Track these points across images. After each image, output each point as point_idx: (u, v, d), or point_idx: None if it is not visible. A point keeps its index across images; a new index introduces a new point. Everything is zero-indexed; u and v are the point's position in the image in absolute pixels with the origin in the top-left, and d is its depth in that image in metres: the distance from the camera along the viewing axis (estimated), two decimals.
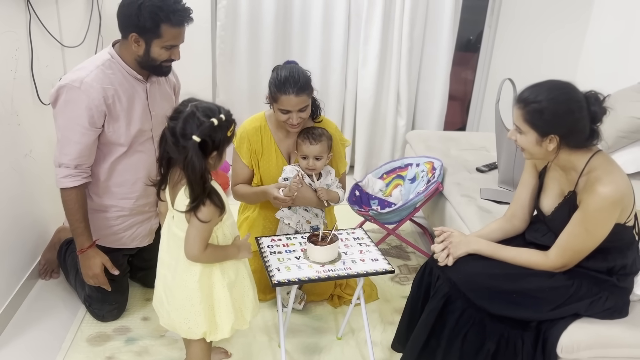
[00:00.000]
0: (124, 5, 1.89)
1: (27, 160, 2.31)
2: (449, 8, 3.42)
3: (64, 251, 2.37)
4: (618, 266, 1.69)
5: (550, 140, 1.61)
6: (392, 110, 3.63)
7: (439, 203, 2.74)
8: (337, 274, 1.78)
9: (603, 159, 1.63)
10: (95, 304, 2.19)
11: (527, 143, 1.65)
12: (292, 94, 2.01)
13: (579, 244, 1.64)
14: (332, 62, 3.53)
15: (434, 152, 3.00)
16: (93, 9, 3.04)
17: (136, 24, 1.86)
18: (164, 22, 1.87)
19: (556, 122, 1.58)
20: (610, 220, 1.59)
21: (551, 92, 1.59)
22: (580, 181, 1.64)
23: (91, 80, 1.90)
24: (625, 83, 2.99)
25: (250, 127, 2.23)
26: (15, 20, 2.18)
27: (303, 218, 2.22)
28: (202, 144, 1.44)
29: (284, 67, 2.07)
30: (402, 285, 2.56)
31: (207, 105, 1.49)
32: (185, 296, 1.62)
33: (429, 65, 3.63)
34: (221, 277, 1.63)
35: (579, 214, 1.62)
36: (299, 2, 3.41)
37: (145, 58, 1.95)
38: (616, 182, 1.57)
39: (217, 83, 3.59)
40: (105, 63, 1.96)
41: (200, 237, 1.53)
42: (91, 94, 1.89)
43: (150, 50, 1.93)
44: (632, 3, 3.15)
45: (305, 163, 2.13)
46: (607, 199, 1.55)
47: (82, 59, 2.94)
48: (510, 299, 1.68)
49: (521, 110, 1.62)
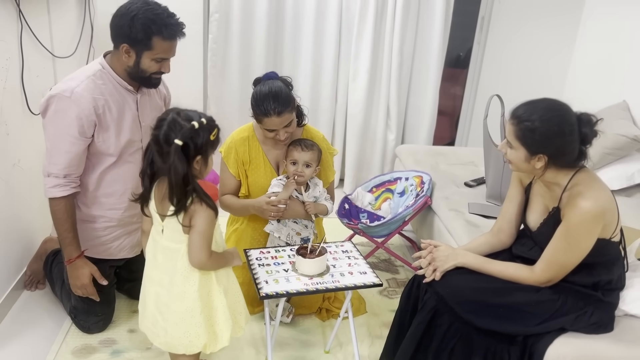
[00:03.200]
0: (117, 15, 1.89)
1: (15, 169, 2.30)
2: (438, 25, 3.47)
3: (50, 262, 2.35)
4: (603, 281, 1.71)
5: (539, 159, 1.63)
6: (382, 124, 3.65)
7: (427, 217, 2.76)
8: (325, 287, 1.78)
9: (586, 175, 1.66)
10: (81, 315, 2.17)
11: (516, 158, 1.68)
12: (274, 116, 2.02)
13: (563, 258, 1.66)
14: (323, 76, 3.56)
15: (423, 166, 3.03)
16: (85, 20, 3.05)
17: (128, 34, 1.87)
18: (156, 34, 1.88)
19: (546, 143, 1.60)
20: (593, 234, 1.61)
21: (545, 113, 1.61)
22: (564, 197, 1.66)
23: (82, 90, 1.90)
24: (611, 100, 3.04)
25: (238, 137, 2.24)
26: (6, 30, 2.18)
27: (293, 230, 2.22)
28: (184, 147, 1.46)
29: (263, 84, 2.06)
30: (390, 299, 2.56)
31: (189, 111, 1.52)
32: (185, 308, 1.61)
33: (418, 81, 3.67)
34: (217, 284, 1.64)
35: (561, 228, 1.64)
36: (291, 16, 3.45)
37: (134, 69, 1.96)
38: (597, 197, 1.59)
39: (208, 95, 3.60)
40: (96, 73, 1.96)
41: (205, 243, 1.55)
42: (81, 103, 1.89)
43: (141, 61, 1.93)
44: (618, 22, 3.21)
45: (294, 168, 2.13)
46: (588, 213, 1.57)
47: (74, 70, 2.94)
48: (497, 313, 1.69)
49: (514, 127, 1.64)
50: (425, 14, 3.49)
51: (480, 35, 3.69)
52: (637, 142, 2.64)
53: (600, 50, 3.39)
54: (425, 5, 3.47)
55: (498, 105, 2.65)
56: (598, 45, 3.42)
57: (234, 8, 3.35)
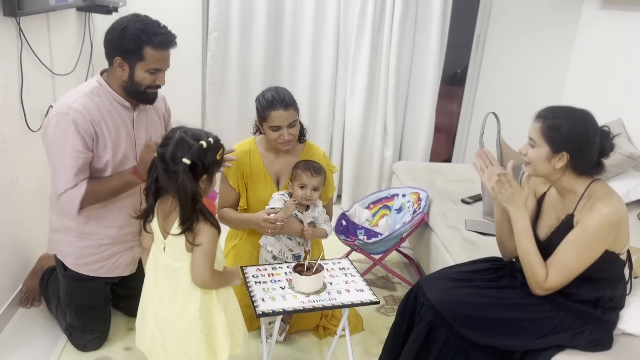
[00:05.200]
0: (109, 31, 1.92)
1: (12, 186, 2.30)
2: (435, 43, 3.50)
3: (47, 279, 2.34)
4: (607, 297, 1.71)
5: (561, 157, 1.64)
6: (379, 141, 3.67)
7: (424, 234, 2.76)
8: (322, 305, 1.78)
9: (603, 185, 1.68)
10: (76, 333, 2.16)
11: (537, 157, 1.68)
12: (281, 109, 2.09)
13: (572, 262, 1.64)
14: (321, 93, 3.58)
15: (420, 183, 3.03)
16: (85, 38, 3.08)
17: (119, 47, 1.88)
18: (147, 44, 1.88)
19: (571, 140, 1.63)
20: (605, 241, 1.61)
21: (571, 113, 1.66)
22: (580, 203, 1.67)
23: (78, 106, 1.90)
24: (606, 118, 3.05)
25: (239, 150, 2.26)
26: (6, 48, 2.20)
27: (286, 246, 2.22)
28: (193, 166, 1.48)
29: (269, 89, 2.16)
30: (387, 316, 2.55)
31: (196, 130, 1.55)
32: (186, 326, 1.61)
33: (415, 98, 3.69)
34: (217, 302, 1.64)
35: (575, 231, 1.64)
36: (289, 34, 3.48)
37: (129, 83, 1.96)
38: (616, 205, 1.61)
39: (206, 112, 3.62)
40: (93, 90, 1.97)
41: (209, 262, 1.56)
42: (79, 119, 1.89)
43: (134, 74, 1.93)
44: (612, 41, 3.25)
45: (302, 193, 2.14)
46: (607, 218, 1.58)
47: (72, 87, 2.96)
48: (493, 328, 1.69)
49: (540, 124, 1.67)
50: (421, 33, 3.53)
51: (477, 53, 3.73)
52: (633, 159, 2.65)
53: (595, 68, 3.42)
54: (421, 24, 3.51)
55: (494, 122, 2.67)
56: (593, 63, 3.45)
57: (232, 26, 3.39)
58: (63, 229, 2.07)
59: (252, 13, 3.39)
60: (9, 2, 2.05)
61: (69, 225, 2.06)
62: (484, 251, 2.27)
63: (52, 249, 2.15)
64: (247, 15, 3.39)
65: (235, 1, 3.34)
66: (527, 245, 1.71)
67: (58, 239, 2.10)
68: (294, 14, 3.44)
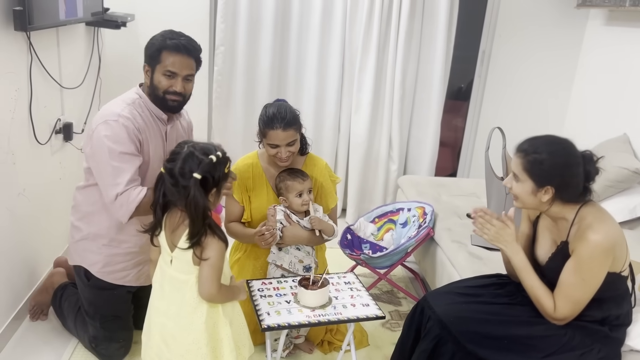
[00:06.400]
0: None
1: (20, 199, 2.32)
2: (440, 58, 3.52)
3: (59, 297, 2.33)
4: (613, 316, 1.69)
5: (546, 191, 1.64)
6: (384, 155, 3.68)
7: (430, 248, 2.75)
8: (327, 319, 1.77)
9: (593, 208, 1.67)
10: (102, 344, 2.15)
11: (522, 192, 1.68)
12: (279, 129, 2.08)
13: (579, 295, 1.63)
14: (326, 108, 3.60)
15: (425, 197, 3.03)
16: (93, 52, 3.11)
17: (146, 53, 2.02)
18: (164, 48, 1.99)
19: (554, 174, 1.62)
20: (604, 267, 1.60)
21: (552, 146, 1.64)
22: (572, 230, 1.66)
23: (127, 114, 1.97)
24: (612, 133, 3.07)
25: (242, 163, 2.28)
26: (17, 62, 2.23)
27: (295, 258, 2.21)
28: (203, 180, 1.49)
29: (272, 105, 2.16)
30: (393, 331, 2.54)
31: (204, 144, 1.56)
32: (192, 339, 1.60)
33: (420, 113, 3.71)
34: (224, 315, 1.64)
35: (572, 263, 1.63)
36: (295, 49, 3.51)
37: (151, 88, 2.04)
38: (606, 230, 1.59)
39: (212, 126, 3.64)
40: (134, 101, 2.04)
41: (216, 275, 1.56)
42: (129, 125, 1.96)
43: (154, 77, 2.02)
44: (617, 57, 3.27)
45: (300, 200, 2.15)
46: (599, 247, 1.57)
47: (81, 100, 3.00)
48: (501, 345, 1.67)
49: (521, 159, 1.66)
50: (427, 48, 3.55)
51: (481, 69, 3.75)
52: (639, 174, 2.64)
53: (601, 82, 3.43)
54: (427, 39, 3.54)
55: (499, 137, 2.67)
56: (598, 78, 3.46)
57: (239, 41, 3.42)
58: (92, 236, 2.09)
59: (258, 28, 3.42)
60: (20, 17, 2.08)
61: (99, 233, 2.08)
62: (490, 266, 2.27)
63: (75, 258, 2.16)
64: (254, 30, 3.42)
65: (242, 16, 3.38)
66: (529, 280, 1.72)
67: (85, 247, 2.11)
68: (300, 28, 3.48)
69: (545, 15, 3.60)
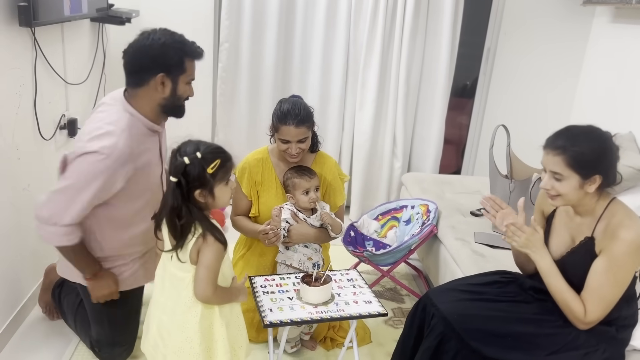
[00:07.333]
0: (142, 49, 1.84)
1: (24, 194, 2.33)
2: (445, 56, 3.51)
3: (58, 295, 2.32)
4: (622, 316, 1.68)
5: (592, 181, 1.61)
6: (388, 152, 3.67)
7: (433, 246, 2.74)
8: (330, 316, 1.77)
9: (621, 205, 1.66)
10: (106, 348, 2.12)
11: (568, 189, 1.63)
12: (292, 125, 2.09)
13: (609, 294, 1.61)
14: (330, 105, 3.60)
15: (429, 194, 3.03)
16: (98, 48, 3.12)
17: (163, 63, 1.84)
18: (187, 56, 1.87)
19: (599, 162, 1.60)
20: (635, 265, 1.59)
21: (586, 135, 1.63)
22: (599, 226, 1.64)
23: (122, 147, 1.81)
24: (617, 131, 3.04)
25: (252, 158, 2.29)
26: (21, 58, 2.24)
27: (304, 255, 2.22)
28: (178, 183, 1.49)
29: (288, 100, 2.17)
30: (395, 328, 2.54)
31: (191, 143, 1.53)
32: (185, 338, 1.60)
33: (425, 110, 3.70)
34: (220, 316, 1.62)
35: (603, 262, 1.60)
36: (299, 46, 3.51)
37: (171, 99, 1.91)
38: (638, 227, 1.58)
39: (216, 123, 3.65)
40: (129, 123, 1.87)
41: (211, 277, 1.54)
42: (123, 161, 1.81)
43: (177, 87, 1.90)
44: (623, 54, 3.24)
45: (308, 198, 2.16)
46: (633, 244, 1.56)
47: (85, 96, 3.00)
48: (505, 343, 1.67)
49: (561, 156, 1.61)
50: (431, 45, 3.54)
51: (486, 66, 3.73)
52: None
53: (606, 81, 3.41)
54: (431, 36, 3.52)
55: (504, 135, 2.66)
56: (603, 76, 3.44)
57: (243, 38, 3.42)
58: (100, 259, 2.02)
59: (263, 25, 3.42)
60: (25, 12, 2.09)
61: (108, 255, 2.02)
62: (493, 264, 2.26)
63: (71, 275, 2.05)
64: (259, 27, 3.42)
65: (247, 13, 3.37)
66: (557, 283, 1.68)
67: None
68: (304, 25, 3.47)
69: (550, 12, 3.58)
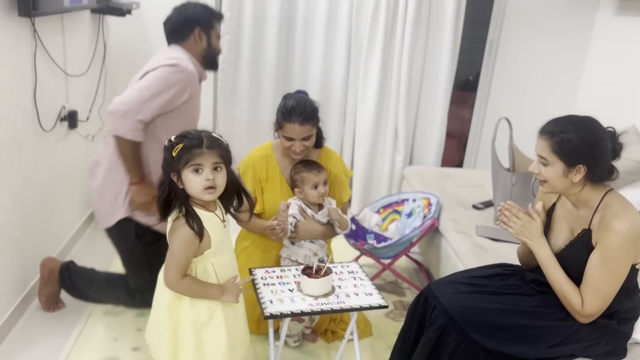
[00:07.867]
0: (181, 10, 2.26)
1: (24, 185, 2.32)
2: (447, 49, 3.49)
3: (68, 278, 2.31)
4: (623, 309, 1.67)
5: (577, 170, 1.60)
6: (390, 145, 3.66)
7: (434, 239, 2.74)
8: (330, 308, 1.77)
9: (617, 197, 1.64)
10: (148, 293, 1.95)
11: (552, 174, 1.63)
12: (296, 123, 2.06)
13: (607, 287, 1.60)
14: (332, 98, 3.58)
15: (430, 188, 3.02)
16: (98, 40, 3.10)
17: (197, 19, 2.23)
18: (213, 16, 2.29)
19: (584, 151, 1.59)
20: (630, 257, 1.58)
21: (578, 124, 1.61)
22: (595, 218, 1.63)
23: (192, 69, 2.16)
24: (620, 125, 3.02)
25: (256, 154, 2.27)
26: (21, 49, 2.22)
27: (310, 251, 2.21)
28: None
29: (293, 96, 2.13)
30: (396, 321, 2.53)
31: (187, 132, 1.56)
32: (156, 317, 1.60)
33: (427, 103, 3.68)
34: (189, 312, 1.57)
35: (598, 255, 1.59)
36: (301, 38, 3.49)
37: (208, 50, 2.27)
38: (632, 218, 1.56)
39: (217, 115, 3.63)
40: (190, 58, 2.22)
41: (174, 264, 1.51)
42: (194, 78, 2.16)
43: (211, 40, 2.27)
44: (627, 47, 3.22)
45: (316, 192, 2.15)
46: (626, 236, 1.54)
47: (85, 88, 2.99)
48: (506, 335, 1.66)
49: (548, 141, 1.62)
50: (434, 38, 3.52)
51: (489, 59, 3.71)
52: None
53: (609, 74, 3.39)
54: (434, 29, 3.50)
55: (506, 128, 2.64)
56: (607, 69, 3.42)
57: (244, 29, 3.40)
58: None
59: (264, 17, 3.40)
60: (24, 2, 2.07)
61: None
62: (495, 257, 2.25)
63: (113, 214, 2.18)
64: (260, 19, 3.40)
65: (248, 5, 3.35)
66: (555, 274, 1.68)
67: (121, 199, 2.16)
68: (306, 18, 3.45)
69: (554, 4, 3.55)
